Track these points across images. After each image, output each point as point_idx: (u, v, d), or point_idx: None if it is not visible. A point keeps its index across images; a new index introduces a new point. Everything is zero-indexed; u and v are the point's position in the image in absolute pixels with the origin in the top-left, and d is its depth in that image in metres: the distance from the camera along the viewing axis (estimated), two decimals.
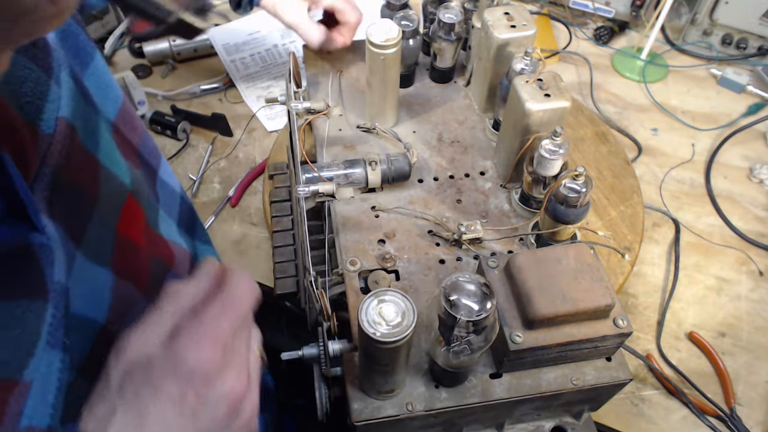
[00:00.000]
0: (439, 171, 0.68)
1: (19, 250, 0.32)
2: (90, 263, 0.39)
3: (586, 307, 0.47)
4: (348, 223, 0.62)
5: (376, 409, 0.49)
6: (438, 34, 0.72)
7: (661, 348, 0.76)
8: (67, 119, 0.38)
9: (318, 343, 0.52)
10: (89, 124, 0.42)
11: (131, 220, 0.46)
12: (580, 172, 0.54)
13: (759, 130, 1.00)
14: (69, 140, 0.38)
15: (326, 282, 0.57)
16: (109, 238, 0.43)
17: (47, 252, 0.33)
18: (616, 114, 1.03)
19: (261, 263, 0.83)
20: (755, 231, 0.87)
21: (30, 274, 0.32)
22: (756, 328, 0.78)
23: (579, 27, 1.16)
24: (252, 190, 0.92)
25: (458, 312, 0.42)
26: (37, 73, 0.37)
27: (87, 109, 0.43)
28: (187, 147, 0.98)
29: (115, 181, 0.45)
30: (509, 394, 0.50)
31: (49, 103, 0.37)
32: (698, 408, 0.70)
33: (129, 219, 0.46)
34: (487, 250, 0.61)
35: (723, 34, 1.08)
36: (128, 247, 0.45)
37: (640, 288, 0.82)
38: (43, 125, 0.36)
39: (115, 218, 0.44)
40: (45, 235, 0.33)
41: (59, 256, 0.34)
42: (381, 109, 0.70)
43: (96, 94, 0.45)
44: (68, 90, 0.40)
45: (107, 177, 0.43)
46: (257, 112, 1.00)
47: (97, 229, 0.41)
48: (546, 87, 0.59)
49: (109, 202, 0.43)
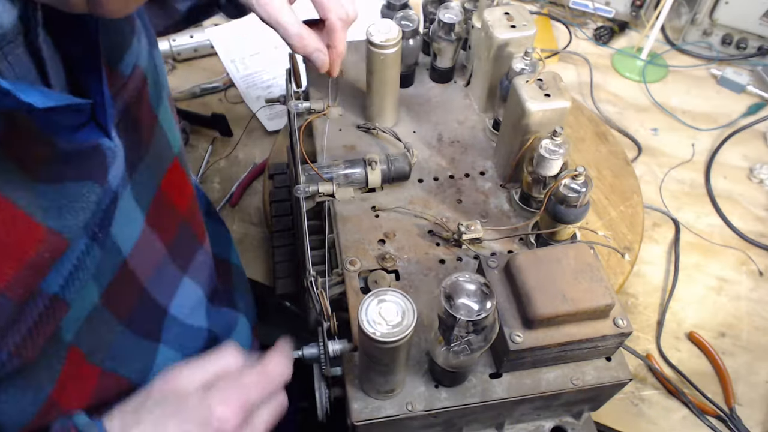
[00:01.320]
0: (439, 171, 0.68)
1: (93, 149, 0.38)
2: (133, 201, 0.46)
3: (586, 307, 0.47)
4: (348, 223, 0.62)
5: (376, 409, 0.49)
6: (438, 34, 0.72)
7: (661, 348, 0.76)
8: (143, 69, 0.46)
9: (318, 343, 0.52)
10: (157, 87, 0.50)
11: (175, 181, 0.54)
12: (579, 172, 0.54)
13: (759, 130, 1.00)
14: (141, 86, 0.46)
15: (326, 282, 0.57)
16: (152, 188, 0.49)
17: (112, 154, 0.40)
18: (616, 114, 1.03)
19: (261, 263, 0.83)
20: (755, 231, 0.87)
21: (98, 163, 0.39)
22: (756, 328, 0.78)
23: (579, 27, 1.16)
24: (252, 190, 0.92)
25: (458, 312, 0.42)
26: (125, 27, 0.44)
27: (155, 75, 0.50)
28: (187, 147, 0.98)
29: (165, 141, 0.52)
30: (509, 394, 0.50)
31: (130, 51, 0.44)
32: (698, 408, 0.70)
33: (173, 179, 0.53)
34: (487, 250, 0.61)
35: (723, 34, 1.08)
36: (165, 203, 0.51)
37: (640, 288, 0.82)
38: (122, 67, 0.43)
39: (161, 174, 0.51)
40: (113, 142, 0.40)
41: (119, 162, 0.41)
42: (381, 109, 0.70)
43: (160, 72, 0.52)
44: (146, 49, 0.47)
45: (160, 135, 0.51)
46: (257, 112, 1.00)
47: (144, 174, 0.48)
48: (546, 87, 0.59)
49: (157, 157, 0.50)
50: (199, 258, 0.60)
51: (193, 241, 0.59)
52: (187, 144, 0.98)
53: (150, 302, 0.52)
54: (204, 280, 0.61)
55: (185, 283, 0.57)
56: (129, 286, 0.48)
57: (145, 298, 0.51)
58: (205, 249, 0.61)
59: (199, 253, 0.60)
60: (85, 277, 0.40)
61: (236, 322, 0.67)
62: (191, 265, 0.58)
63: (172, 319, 0.55)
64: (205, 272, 0.62)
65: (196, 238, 0.60)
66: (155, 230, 0.50)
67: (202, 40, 1.10)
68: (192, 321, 0.59)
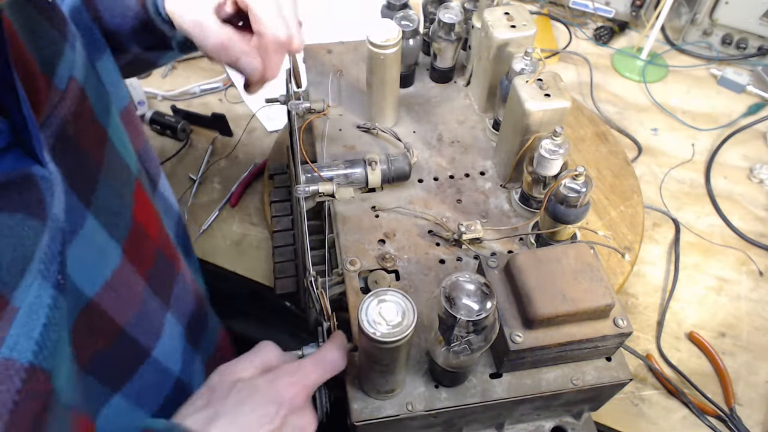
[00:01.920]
0: (439, 171, 0.68)
1: (22, 179, 0.33)
2: (102, 230, 0.42)
3: (586, 307, 0.47)
4: (348, 223, 0.62)
5: (376, 409, 0.49)
6: (438, 34, 0.72)
7: (661, 348, 0.76)
8: (79, 82, 0.41)
9: (318, 343, 0.52)
10: (102, 100, 0.45)
11: (144, 208, 0.50)
12: (580, 172, 0.54)
13: (759, 130, 1.00)
14: (79, 101, 0.40)
15: (326, 282, 0.57)
16: (126, 216, 0.46)
17: (48, 183, 0.35)
18: (616, 114, 1.03)
19: (261, 263, 0.83)
20: (755, 231, 0.87)
21: (30, 196, 0.34)
22: (756, 328, 0.78)
23: (579, 27, 1.16)
24: (252, 190, 0.92)
25: (458, 312, 0.42)
26: (53, 32, 0.39)
27: (100, 87, 0.45)
28: (187, 147, 0.98)
29: (121, 161, 0.47)
30: (509, 394, 0.50)
31: (63, 62, 0.39)
32: (698, 408, 0.70)
33: (141, 207, 0.49)
34: (487, 250, 0.61)
35: (723, 34, 1.08)
36: (141, 234, 0.48)
37: (640, 288, 0.82)
38: (56, 80, 0.38)
39: (130, 200, 0.47)
40: (47, 170, 0.35)
41: (59, 193, 0.36)
42: (381, 109, 0.70)
43: (107, 83, 0.47)
44: (81, 58, 0.42)
45: (114, 153, 0.46)
46: (257, 112, 1.00)
47: (109, 198, 0.43)
48: (546, 87, 0.59)
49: (117, 179, 0.45)
50: (178, 288, 0.55)
51: (170, 270, 0.54)
52: (187, 144, 0.98)
53: (129, 346, 0.47)
54: (184, 313, 0.57)
55: (169, 321, 0.53)
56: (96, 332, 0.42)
57: (124, 341, 0.46)
58: (182, 276, 0.57)
59: (177, 282, 0.55)
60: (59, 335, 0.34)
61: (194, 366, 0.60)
62: (172, 298, 0.54)
63: (153, 362, 0.51)
64: (184, 304, 0.57)
65: (173, 265, 0.55)
66: (134, 264, 0.46)
67: None
68: (169, 364, 0.54)
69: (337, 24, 1.17)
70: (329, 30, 1.15)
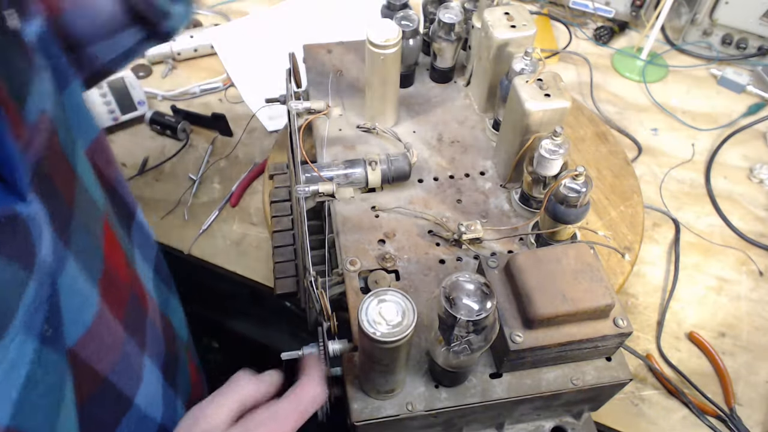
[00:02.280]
0: (439, 171, 0.68)
1: (7, 219, 0.30)
2: (81, 272, 0.38)
3: (586, 307, 0.47)
4: (348, 223, 0.62)
5: (376, 409, 0.49)
6: (438, 34, 0.72)
7: (661, 348, 0.76)
8: (50, 116, 0.37)
9: (318, 343, 0.52)
10: (69, 135, 0.41)
11: (112, 245, 0.45)
12: (580, 172, 0.54)
13: (759, 130, 1.00)
14: (50, 136, 0.37)
15: (326, 282, 0.57)
16: (99, 255, 0.42)
17: (36, 224, 0.32)
18: (616, 114, 1.03)
19: (261, 263, 0.83)
20: (755, 231, 0.87)
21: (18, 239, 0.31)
22: (756, 328, 0.78)
23: (579, 27, 1.16)
24: (252, 190, 0.92)
25: (458, 312, 0.42)
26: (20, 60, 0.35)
27: (66, 120, 0.41)
28: (187, 147, 0.98)
29: (90, 199, 0.43)
30: (509, 394, 0.50)
31: (32, 93, 0.35)
32: (698, 408, 0.70)
33: (110, 245, 0.45)
34: (487, 250, 0.61)
35: (723, 34, 1.08)
36: (113, 273, 0.44)
37: (640, 288, 0.82)
38: (27, 114, 0.34)
39: (101, 238, 0.43)
40: (32, 208, 0.32)
41: (46, 233, 0.33)
42: (381, 109, 0.70)
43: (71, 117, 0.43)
44: (50, 90, 0.39)
45: (82, 190, 0.42)
46: (257, 112, 1.00)
47: (82, 237, 0.39)
48: (546, 87, 0.59)
49: (88, 218, 0.42)
50: (149, 327, 0.51)
51: (141, 309, 0.50)
52: (187, 144, 0.98)
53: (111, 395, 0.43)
54: (158, 353, 0.52)
55: (147, 365, 0.49)
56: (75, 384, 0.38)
57: (107, 392, 0.43)
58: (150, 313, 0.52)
59: (148, 321, 0.51)
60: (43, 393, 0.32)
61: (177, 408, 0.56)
62: (146, 338, 0.50)
63: (135, 411, 0.47)
64: (158, 343, 0.53)
65: (141, 304, 0.50)
66: (111, 306, 0.42)
67: (202, 40, 1.10)
68: (150, 411, 0.49)
69: (337, 24, 1.17)
70: (329, 30, 1.15)
